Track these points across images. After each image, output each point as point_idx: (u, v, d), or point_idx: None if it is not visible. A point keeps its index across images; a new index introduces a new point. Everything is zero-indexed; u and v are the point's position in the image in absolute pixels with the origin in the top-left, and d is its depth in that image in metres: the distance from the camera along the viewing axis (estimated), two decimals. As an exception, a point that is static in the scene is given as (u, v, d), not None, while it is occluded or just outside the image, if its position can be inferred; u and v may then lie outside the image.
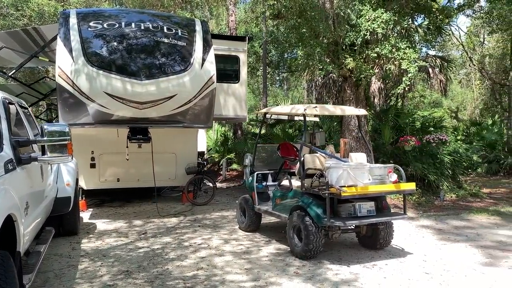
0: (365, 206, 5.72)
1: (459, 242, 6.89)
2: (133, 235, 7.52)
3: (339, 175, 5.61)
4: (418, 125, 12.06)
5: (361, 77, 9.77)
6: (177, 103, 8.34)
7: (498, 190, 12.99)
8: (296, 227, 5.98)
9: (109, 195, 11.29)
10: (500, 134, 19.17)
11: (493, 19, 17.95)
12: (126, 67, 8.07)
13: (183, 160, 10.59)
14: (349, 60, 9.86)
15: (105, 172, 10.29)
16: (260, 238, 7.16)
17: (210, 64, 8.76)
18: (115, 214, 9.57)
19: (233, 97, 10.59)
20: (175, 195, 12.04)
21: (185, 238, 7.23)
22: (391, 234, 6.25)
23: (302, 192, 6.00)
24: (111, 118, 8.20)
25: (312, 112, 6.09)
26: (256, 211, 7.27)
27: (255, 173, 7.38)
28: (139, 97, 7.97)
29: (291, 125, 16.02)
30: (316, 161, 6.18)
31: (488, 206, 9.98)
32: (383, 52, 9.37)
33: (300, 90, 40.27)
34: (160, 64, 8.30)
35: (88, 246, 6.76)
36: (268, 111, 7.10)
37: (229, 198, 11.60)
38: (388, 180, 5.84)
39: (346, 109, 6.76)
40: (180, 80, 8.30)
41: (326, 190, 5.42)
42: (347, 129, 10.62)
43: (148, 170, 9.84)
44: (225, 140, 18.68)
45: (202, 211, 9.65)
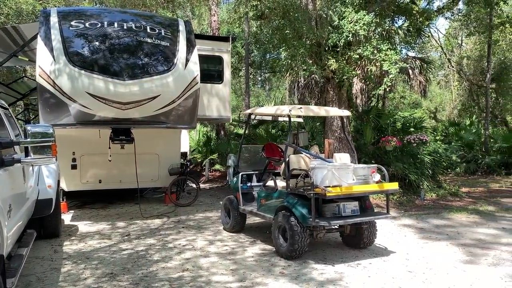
0: (349, 206, 5.78)
1: (440, 240, 7.02)
2: (116, 237, 7.44)
3: (324, 175, 5.65)
4: (399, 126, 12.23)
5: (343, 78, 9.86)
6: (160, 104, 8.28)
7: (476, 189, 13.28)
8: (281, 227, 6.00)
9: (90, 197, 11.15)
10: (478, 135, 19.60)
11: (470, 21, 18.34)
12: (109, 67, 7.98)
13: (166, 161, 10.52)
14: (331, 62, 9.95)
15: (87, 173, 10.16)
16: (245, 238, 7.16)
17: (193, 64, 8.73)
18: (97, 216, 9.45)
19: (217, 97, 10.57)
20: (158, 196, 11.96)
21: (169, 239, 7.19)
22: (375, 233, 6.34)
23: (287, 193, 6.04)
24: (93, 118, 8.10)
25: (297, 113, 6.13)
26: (241, 212, 7.27)
27: (240, 173, 7.38)
28: (122, 98, 7.90)
29: (274, 125, 16.07)
30: (301, 162, 6.22)
31: (467, 205, 10.19)
32: (365, 53, 9.49)
33: (282, 90, 40.40)
34: (143, 64, 8.23)
35: (71, 249, 6.66)
36: (253, 112, 7.12)
37: (212, 199, 11.58)
38: (372, 180, 5.92)
39: (330, 110, 6.83)
40: (164, 80, 8.25)
41: (311, 190, 5.47)
42: (330, 130, 10.72)
43: (130, 171, 9.76)
44: (207, 141, 18.62)
45: (186, 212, 9.61)
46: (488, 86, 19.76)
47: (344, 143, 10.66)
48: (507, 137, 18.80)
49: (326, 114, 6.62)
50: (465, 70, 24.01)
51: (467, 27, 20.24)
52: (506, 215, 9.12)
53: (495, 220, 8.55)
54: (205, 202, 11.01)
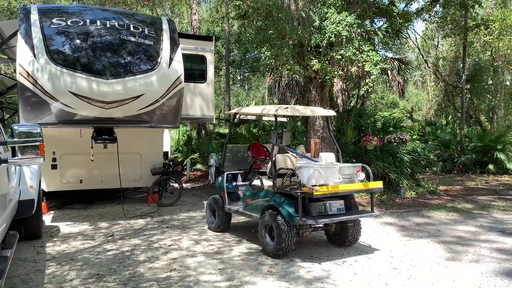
0: (335, 205, 5.87)
1: (422, 238, 7.18)
2: (100, 237, 7.36)
3: (310, 174, 5.72)
4: (379, 125, 12.44)
5: (326, 78, 9.97)
6: (144, 103, 8.22)
7: (453, 187, 13.62)
8: (268, 226, 6.05)
9: (70, 197, 10.97)
10: (454, 134, 20.07)
11: (447, 24, 18.76)
12: (92, 66, 7.88)
13: (148, 161, 10.44)
14: (314, 62, 10.04)
15: (67, 173, 10.00)
16: (230, 238, 7.18)
17: (177, 63, 8.69)
18: (78, 216, 9.31)
19: (200, 97, 10.55)
20: (140, 196, 11.86)
21: (154, 239, 7.15)
22: (359, 231, 6.44)
23: (274, 192, 6.08)
24: (75, 117, 7.99)
25: (283, 113, 6.18)
26: (226, 211, 7.29)
27: (225, 173, 7.39)
28: (105, 97, 7.81)
29: (255, 124, 16.11)
30: (288, 161, 6.27)
31: (446, 203, 10.45)
32: (347, 54, 9.61)
33: (261, 90, 40.51)
34: (126, 63, 8.16)
35: (54, 250, 6.56)
36: (239, 111, 7.14)
37: (195, 199, 11.55)
38: (357, 179, 6.02)
39: (315, 110, 6.91)
40: (147, 79, 8.19)
41: (298, 190, 5.52)
42: (313, 129, 10.83)
43: (112, 171, 9.66)
44: (188, 140, 18.56)
45: (169, 212, 9.56)
46: (463, 87, 20.24)
47: (326, 142, 10.78)
48: (482, 136, 19.33)
49: (311, 114, 6.70)
50: (441, 71, 24.53)
51: (444, 29, 20.71)
52: (483, 212, 9.38)
53: (473, 218, 8.78)
54: (188, 202, 10.98)
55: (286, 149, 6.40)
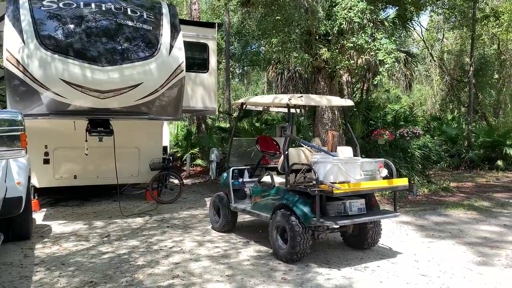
0: (356, 204, 5.28)
1: (445, 239, 6.61)
2: (94, 238, 6.77)
3: (328, 170, 5.14)
4: (390, 119, 11.86)
5: (336, 68, 9.36)
6: (142, 93, 7.61)
7: (464, 184, 13.06)
8: (280, 227, 5.47)
9: (64, 194, 10.37)
10: (460, 129, 19.52)
11: (455, 15, 18.15)
12: (85, 52, 7.27)
13: (147, 155, 9.85)
14: (323, 51, 9.42)
15: (61, 168, 9.40)
16: (237, 239, 6.59)
17: (178, 50, 8.08)
18: (72, 214, 8.72)
19: (202, 87, 9.91)
20: (137, 192, 11.24)
21: (153, 240, 6.56)
22: (379, 233, 5.87)
23: (287, 190, 5.49)
24: (68, 108, 7.39)
25: (297, 102, 5.58)
26: (232, 210, 6.70)
27: (231, 168, 6.80)
28: (100, 85, 7.20)
29: (258, 118, 15.50)
30: (302, 155, 5.68)
31: (461, 201, 9.89)
32: (359, 42, 9.01)
33: (260, 85, 39.88)
34: (123, 49, 7.55)
35: (43, 253, 5.96)
36: (246, 101, 6.53)
37: (196, 195, 10.96)
38: (379, 176, 5.44)
39: (332, 99, 6.30)
40: (146, 67, 7.58)
41: (316, 187, 4.94)
42: (321, 123, 10.23)
43: (108, 167, 9.07)
44: (188, 135, 17.95)
45: (169, 210, 8.97)
46: (471, 81, 19.64)
47: (337, 136, 10.17)
48: (490, 132, 18.77)
49: (328, 103, 6.10)
50: (446, 65, 23.96)
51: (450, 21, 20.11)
52: (503, 210, 8.82)
53: (494, 216, 8.22)
54: (189, 199, 10.39)
55: (302, 142, 5.79)
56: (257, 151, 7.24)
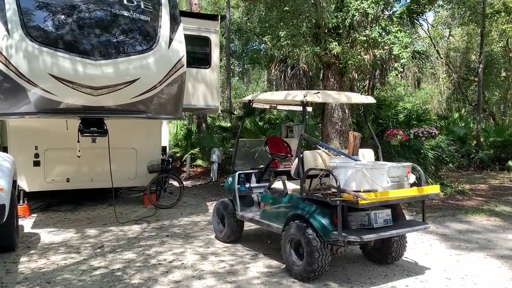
0: (381, 215, 4.65)
1: (474, 251, 5.98)
2: (86, 249, 6.13)
3: (350, 176, 4.50)
4: (402, 118, 11.21)
5: (348, 63, 8.72)
6: (139, 89, 6.96)
7: (478, 186, 12.44)
8: (294, 241, 4.83)
9: (57, 197, 9.74)
10: (469, 128, 18.91)
11: (465, 11, 17.54)
12: (77, 44, 6.61)
13: (144, 157, 9.22)
14: (334, 45, 8.78)
15: (52, 171, 8.78)
16: (243, 251, 5.96)
17: (178, 43, 7.43)
18: (64, 221, 8.09)
19: (204, 84, 9.25)
20: (135, 196, 10.62)
21: (151, 253, 5.92)
22: (405, 246, 5.24)
23: (302, 198, 4.86)
24: (58, 106, 6.73)
25: (313, 99, 4.94)
26: (238, 219, 6.06)
27: (236, 173, 6.16)
28: (93, 81, 6.55)
29: (261, 117, 14.85)
30: (318, 159, 5.04)
31: (480, 205, 9.25)
32: (372, 35, 8.37)
33: (260, 84, 39.28)
34: (118, 41, 6.89)
35: (28, 268, 5.32)
36: (254, 98, 5.89)
37: (197, 199, 10.32)
38: (407, 182, 4.80)
39: (352, 96, 5.66)
40: (143, 61, 6.93)
41: (338, 197, 4.30)
42: (330, 122, 9.58)
43: (103, 169, 8.45)
44: (188, 134, 17.32)
45: (169, 216, 8.33)
46: (480, 79, 19.01)
47: (346, 137, 9.54)
48: (500, 131, 18.14)
49: (347, 100, 5.45)
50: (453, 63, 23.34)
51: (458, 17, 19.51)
52: (528, 217, 8.20)
53: (520, 224, 7.60)
54: (190, 203, 9.75)
55: (322, 145, 5.13)
56: (264, 153, 6.64)
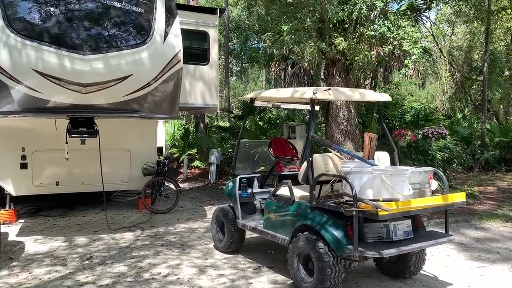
0: (401, 227, 4.14)
1: (496, 263, 5.48)
2: (73, 261, 5.61)
3: (366, 183, 4.00)
4: (409, 118, 10.72)
5: (355, 59, 8.22)
6: (132, 87, 6.46)
7: (486, 188, 11.96)
8: (303, 255, 4.33)
9: (47, 201, 9.21)
10: (473, 128, 18.44)
11: (470, 7, 17.06)
12: (64, 37, 6.10)
13: (139, 159, 8.72)
14: (339, 40, 8.28)
15: (41, 173, 8.27)
16: (245, 263, 5.45)
17: (175, 37, 6.93)
18: (52, 227, 7.57)
19: (202, 81, 8.73)
20: (129, 199, 10.09)
21: (144, 265, 5.41)
22: (424, 259, 4.75)
23: (311, 206, 4.35)
24: (44, 105, 6.21)
25: (324, 96, 4.44)
26: (239, 227, 5.56)
27: (238, 177, 5.66)
28: (81, 77, 6.04)
29: (260, 117, 14.33)
30: (329, 163, 4.54)
31: (493, 210, 8.77)
32: (381, 30, 7.88)
33: (259, 83, 38.84)
34: (109, 34, 6.38)
35: (7, 283, 4.81)
36: (257, 96, 5.38)
37: (195, 203, 9.81)
38: (429, 190, 4.30)
39: (366, 93, 5.15)
40: (137, 56, 6.42)
41: (354, 206, 3.79)
42: (335, 122, 9.08)
43: (94, 171, 7.96)
44: (185, 134, 16.80)
45: (164, 222, 7.82)
46: (485, 78, 18.54)
47: (351, 138, 9.06)
48: (506, 131, 17.68)
49: (361, 98, 4.95)
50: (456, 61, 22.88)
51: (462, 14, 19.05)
52: (546, 223, 7.71)
53: (540, 231, 7.12)
54: (187, 208, 9.23)
55: (335, 148, 4.61)
56: (265, 155, 6.14)
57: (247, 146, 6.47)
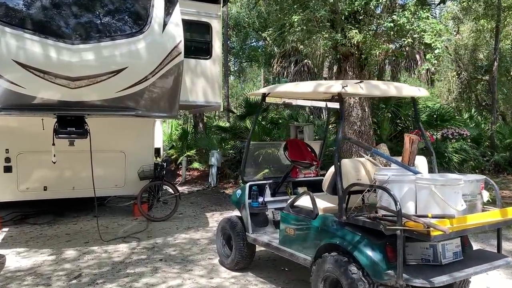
0: (451, 247, 3.45)
1: (543, 282, 4.81)
2: (59, 280, 4.90)
3: (407, 194, 3.32)
4: (424, 118, 10.06)
5: (370, 53, 7.54)
6: (127, 81, 5.75)
7: (502, 192, 11.30)
8: (330, 279, 3.63)
9: (35, 207, 8.47)
10: (481, 129, 17.82)
11: (480, 4, 16.45)
12: (50, 24, 5.42)
13: (135, 161, 8.00)
14: (354, 33, 7.59)
15: (27, 178, 7.57)
16: (256, 283, 4.74)
17: (175, 27, 6.21)
18: (39, 237, 6.85)
19: (203, 77, 7.99)
20: (124, 205, 9.34)
21: (140, 285, 4.70)
22: (469, 281, 4.05)
23: (341, 222, 3.65)
24: (27, 101, 5.50)
25: (355, 90, 3.75)
26: (249, 242, 4.85)
27: (247, 184, 4.95)
28: (70, 70, 5.33)
29: (263, 116, 13.61)
30: (361, 170, 3.84)
31: (519, 217, 8.08)
32: (401, 21, 7.21)
33: (257, 83, 38.25)
34: (102, 22, 5.68)
35: (-22, 310, 4.09)
36: (271, 91, 4.66)
37: (195, 209, 9.09)
38: (480, 202, 3.61)
39: (403, 87, 4.41)
40: (132, 46, 5.71)
41: (399, 224, 3.09)
42: (347, 121, 8.40)
43: (86, 175, 7.19)
44: (183, 135, 16.08)
45: (163, 232, 7.11)
46: (495, 77, 17.91)
47: (365, 139, 8.38)
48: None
49: (397, 92, 4.20)
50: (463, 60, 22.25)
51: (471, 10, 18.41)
52: None
53: None
54: (187, 214, 8.52)
55: (375, 152, 3.86)
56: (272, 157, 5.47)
57: (257, 149, 5.73)
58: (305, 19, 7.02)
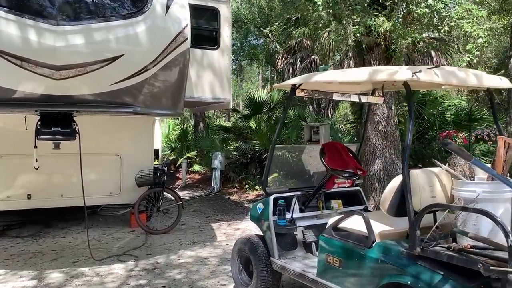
0: None
1: None
2: (38, 316, 3.94)
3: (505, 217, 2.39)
4: (451, 118, 9.15)
5: (401, 43, 6.61)
6: (123, 72, 4.83)
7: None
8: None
9: (22, 215, 7.48)
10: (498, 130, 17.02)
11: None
12: (29, 2, 4.43)
13: (132, 166, 7.04)
14: (381, 20, 6.65)
15: (7, 185, 6.61)
16: (285, 322, 3.81)
17: (180, 8, 5.27)
18: (20, 254, 5.89)
19: (210, 70, 7.02)
20: (120, 213, 8.36)
21: (140, 325, 3.75)
22: None
23: (411, 255, 2.70)
24: (4, 95, 4.55)
25: (428, 78, 2.80)
26: (274, 269, 3.91)
27: (271, 196, 4.01)
28: (53, 56, 4.39)
29: (269, 116, 12.65)
30: (436, 185, 2.90)
31: None
32: (437, 6, 6.29)
33: (255, 82, 37.45)
34: (93, 0, 4.71)
35: None
36: (305, 80, 3.69)
37: (199, 219, 8.14)
38: None
39: (483, 76, 3.44)
40: (130, 29, 4.77)
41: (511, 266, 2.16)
42: (371, 120, 7.45)
43: (76, 181, 6.22)
44: (183, 135, 15.13)
45: (164, 248, 6.15)
46: (511, 74, 17.04)
47: (390, 140, 7.46)
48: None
49: (477, 82, 3.24)
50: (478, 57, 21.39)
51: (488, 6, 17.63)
52: None
53: None
54: (190, 225, 7.57)
55: (474, 162, 2.87)
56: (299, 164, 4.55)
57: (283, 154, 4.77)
58: (331, 1, 6.08)
